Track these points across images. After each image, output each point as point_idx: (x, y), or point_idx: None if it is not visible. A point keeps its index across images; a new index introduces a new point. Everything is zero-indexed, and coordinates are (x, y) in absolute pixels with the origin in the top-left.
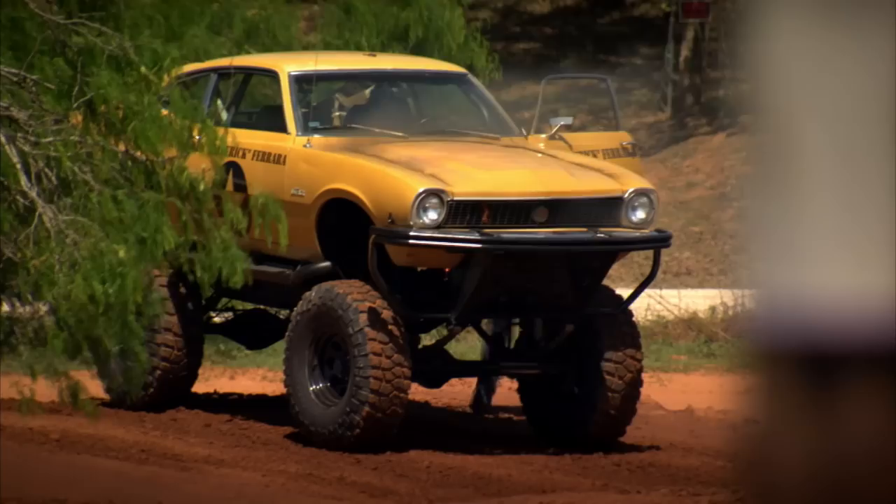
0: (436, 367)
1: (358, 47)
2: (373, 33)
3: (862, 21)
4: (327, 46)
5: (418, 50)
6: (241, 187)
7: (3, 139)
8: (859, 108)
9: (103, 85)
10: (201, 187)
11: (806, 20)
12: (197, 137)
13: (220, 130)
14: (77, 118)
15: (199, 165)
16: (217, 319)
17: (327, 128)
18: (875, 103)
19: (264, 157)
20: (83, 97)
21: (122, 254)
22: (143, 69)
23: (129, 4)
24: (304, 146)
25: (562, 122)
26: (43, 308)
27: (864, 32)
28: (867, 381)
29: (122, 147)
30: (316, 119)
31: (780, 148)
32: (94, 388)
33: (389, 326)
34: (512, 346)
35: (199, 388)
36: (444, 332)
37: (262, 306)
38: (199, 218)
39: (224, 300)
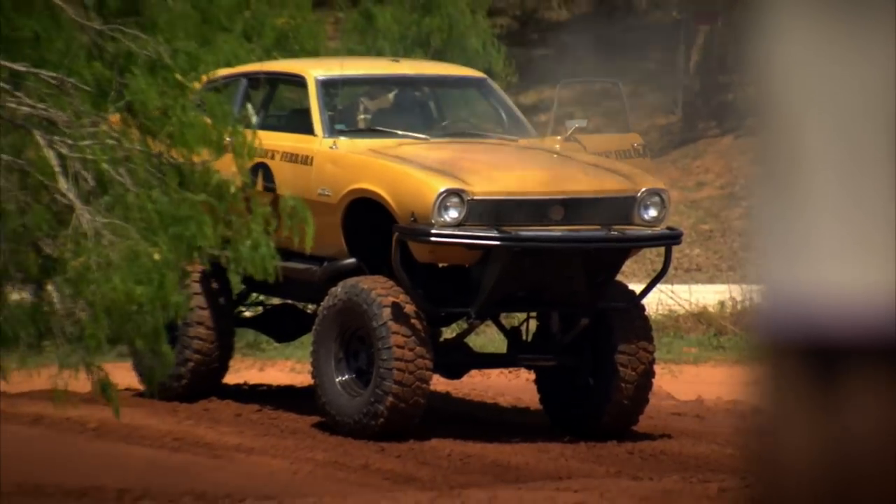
0: (456, 360)
1: (380, 53)
2: (396, 40)
3: (866, 23)
4: (350, 53)
5: (439, 56)
6: (270, 187)
7: (42, 142)
8: (863, 109)
9: (141, 89)
10: (232, 189)
11: (811, 22)
12: (228, 140)
13: (248, 135)
14: (114, 119)
15: (229, 168)
16: (247, 314)
17: (352, 130)
18: (879, 105)
19: (292, 158)
20: (120, 100)
21: (157, 256)
22: (177, 75)
23: (162, 11)
24: (331, 148)
25: (577, 125)
26: (80, 304)
27: (868, 35)
28: (870, 374)
29: (157, 149)
30: (342, 122)
31: (785, 148)
32: (131, 378)
33: (412, 320)
34: (529, 339)
35: (230, 379)
36: (465, 325)
37: (290, 301)
38: (230, 218)
39: (254, 295)
